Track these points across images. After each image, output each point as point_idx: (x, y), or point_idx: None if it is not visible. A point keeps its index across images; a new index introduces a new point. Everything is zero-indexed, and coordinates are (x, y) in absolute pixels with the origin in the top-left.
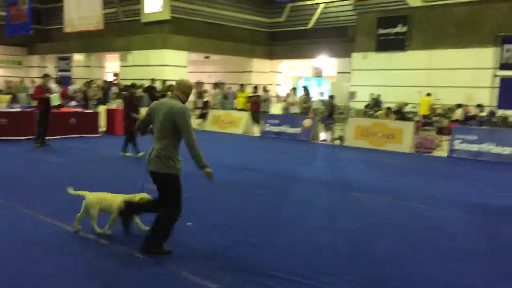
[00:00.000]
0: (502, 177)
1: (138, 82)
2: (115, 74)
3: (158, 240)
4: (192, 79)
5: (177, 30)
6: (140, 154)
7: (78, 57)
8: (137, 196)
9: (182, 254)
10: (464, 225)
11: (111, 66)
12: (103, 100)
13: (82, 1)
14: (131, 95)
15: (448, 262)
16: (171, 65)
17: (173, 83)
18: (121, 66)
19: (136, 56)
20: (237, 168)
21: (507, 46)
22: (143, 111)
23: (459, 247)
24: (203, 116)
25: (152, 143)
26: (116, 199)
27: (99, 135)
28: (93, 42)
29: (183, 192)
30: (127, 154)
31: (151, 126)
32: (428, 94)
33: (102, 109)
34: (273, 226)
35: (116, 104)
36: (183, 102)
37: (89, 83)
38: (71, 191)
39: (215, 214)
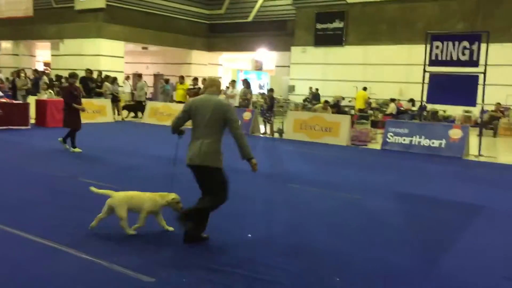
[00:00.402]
0: (431, 168)
1: (71, 73)
2: (46, 64)
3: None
4: (129, 70)
5: (112, 19)
6: (76, 150)
7: (5, 45)
8: (170, 196)
9: (113, 248)
10: (396, 215)
11: (41, 55)
12: (33, 91)
13: None
14: (71, 86)
15: (382, 251)
16: (107, 55)
17: (109, 74)
18: (53, 55)
19: (69, 45)
20: (170, 161)
21: (435, 43)
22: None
23: (392, 236)
24: (131, 108)
25: (195, 139)
26: (145, 198)
27: (29, 127)
28: (22, 29)
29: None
30: (66, 146)
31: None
32: (364, 89)
33: (32, 100)
34: (210, 219)
35: (47, 95)
36: None
37: (17, 73)
38: (94, 190)
39: None
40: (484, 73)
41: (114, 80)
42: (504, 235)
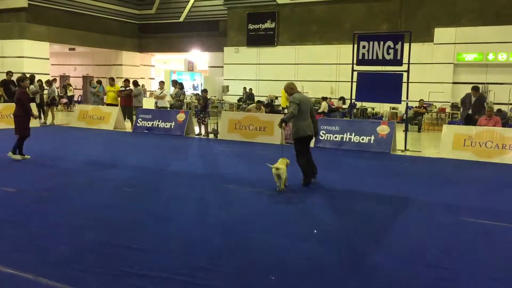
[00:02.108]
0: (361, 164)
1: (23, 76)
2: None
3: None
4: (55, 72)
5: (36, 19)
6: (25, 156)
7: None
8: (287, 161)
9: (40, 260)
10: (328, 210)
11: None
12: None
13: None
14: (25, 90)
15: (315, 246)
16: (30, 56)
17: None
18: None
19: None
20: (104, 165)
21: (362, 43)
22: None
23: (325, 231)
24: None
25: (303, 120)
26: (284, 166)
27: None
28: None
29: None
30: (17, 157)
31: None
32: None
33: None
34: (143, 224)
35: None
36: None
37: None
38: (269, 165)
39: (76, 215)
40: (408, 71)
41: (51, 83)
42: (427, 224)
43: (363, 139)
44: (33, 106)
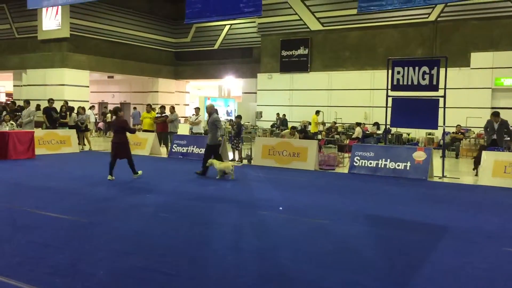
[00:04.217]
0: (397, 190)
1: (33, 103)
2: (8, 94)
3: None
4: (94, 99)
5: (77, 48)
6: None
7: None
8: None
9: (79, 285)
10: (365, 238)
11: (3, 86)
12: None
13: None
14: (124, 119)
15: (351, 275)
16: (71, 84)
17: (74, 103)
18: (15, 86)
19: (32, 75)
20: (140, 191)
21: (397, 68)
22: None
23: (361, 259)
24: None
25: (218, 132)
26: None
27: None
28: None
29: None
30: (139, 173)
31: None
32: (317, 112)
33: None
34: (179, 250)
35: (9, 127)
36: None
37: None
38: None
39: (115, 240)
40: (444, 96)
41: (84, 109)
42: (467, 254)
43: (398, 166)
44: (72, 132)
